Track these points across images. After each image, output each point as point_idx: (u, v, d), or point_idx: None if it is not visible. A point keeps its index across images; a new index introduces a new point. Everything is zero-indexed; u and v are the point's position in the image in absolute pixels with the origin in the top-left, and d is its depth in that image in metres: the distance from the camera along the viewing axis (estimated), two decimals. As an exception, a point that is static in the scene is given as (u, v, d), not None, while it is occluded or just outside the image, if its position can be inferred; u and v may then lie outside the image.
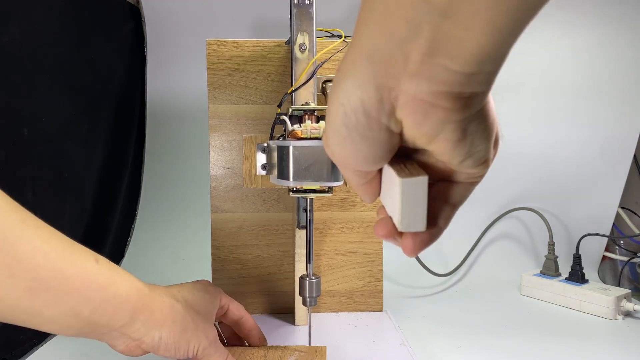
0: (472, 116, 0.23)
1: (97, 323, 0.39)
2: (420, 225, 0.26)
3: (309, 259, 0.56)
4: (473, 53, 0.20)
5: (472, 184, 0.28)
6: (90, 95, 0.78)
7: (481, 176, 0.27)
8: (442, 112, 0.23)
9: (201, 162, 0.93)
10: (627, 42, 0.99)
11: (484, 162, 0.26)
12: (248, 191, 0.71)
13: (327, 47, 0.67)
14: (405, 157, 0.27)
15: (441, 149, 0.24)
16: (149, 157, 0.98)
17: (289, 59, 0.67)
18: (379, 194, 0.29)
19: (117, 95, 0.86)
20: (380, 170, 0.28)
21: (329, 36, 0.67)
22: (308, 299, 0.56)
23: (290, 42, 0.61)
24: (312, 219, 0.56)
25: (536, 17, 0.20)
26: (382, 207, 0.30)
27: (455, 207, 0.29)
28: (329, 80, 0.66)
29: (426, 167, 0.27)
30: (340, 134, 0.25)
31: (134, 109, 0.93)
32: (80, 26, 0.74)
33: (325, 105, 0.67)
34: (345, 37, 0.67)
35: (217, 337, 0.49)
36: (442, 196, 0.28)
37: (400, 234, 0.27)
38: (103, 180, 0.82)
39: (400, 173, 0.25)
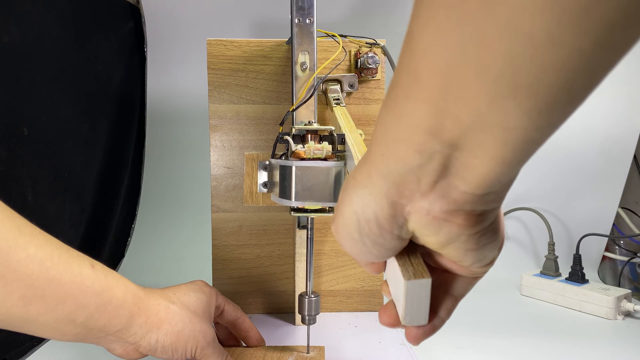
0: (484, 229, 0.24)
1: (93, 328, 0.39)
2: (423, 320, 0.27)
3: (308, 276, 0.55)
4: (483, 178, 0.21)
5: (475, 278, 0.29)
6: (90, 95, 0.77)
7: (485, 272, 0.28)
8: (455, 227, 0.24)
9: (201, 162, 0.93)
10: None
11: (490, 263, 0.27)
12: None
13: (325, 47, 0.67)
14: (410, 249, 0.28)
15: (452, 254, 0.26)
16: (149, 157, 0.98)
17: (289, 59, 0.67)
18: (383, 270, 0.30)
19: (117, 95, 0.86)
20: None
21: (326, 36, 0.67)
22: (307, 317, 0.55)
23: (290, 42, 0.61)
24: (312, 237, 0.54)
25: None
26: (386, 282, 0.30)
27: (457, 299, 0.29)
28: (329, 81, 0.66)
29: (431, 259, 0.28)
30: (352, 238, 0.26)
31: (134, 109, 0.93)
32: (80, 26, 0.74)
33: (324, 106, 0.67)
34: (343, 37, 0.67)
35: (216, 337, 0.48)
36: (445, 287, 0.29)
37: None
38: (103, 180, 0.81)
39: (404, 272, 0.26)
